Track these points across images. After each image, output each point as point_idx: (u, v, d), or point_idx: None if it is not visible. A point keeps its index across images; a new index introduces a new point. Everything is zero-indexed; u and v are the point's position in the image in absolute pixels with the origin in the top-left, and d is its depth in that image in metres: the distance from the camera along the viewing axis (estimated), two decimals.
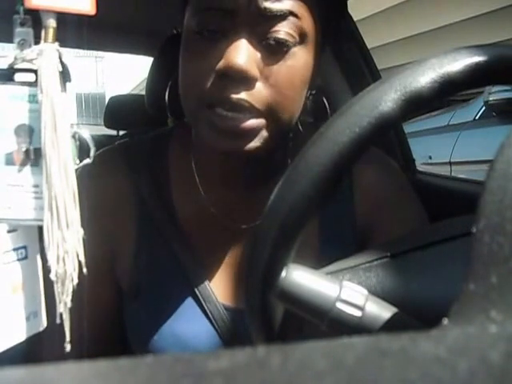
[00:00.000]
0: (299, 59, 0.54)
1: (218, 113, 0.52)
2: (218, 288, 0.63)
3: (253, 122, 0.53)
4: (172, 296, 0.62)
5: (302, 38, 0.53)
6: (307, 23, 0.53)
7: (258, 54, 0.52)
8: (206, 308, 0.62)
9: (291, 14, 0.52)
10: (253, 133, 0.53)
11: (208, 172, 0.65)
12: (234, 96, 0.51)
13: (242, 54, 0.51)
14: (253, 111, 0.52)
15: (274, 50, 0.52)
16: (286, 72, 0.53)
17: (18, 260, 0.37)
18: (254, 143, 0.54)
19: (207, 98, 0.53)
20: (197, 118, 0.55)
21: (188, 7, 0.56)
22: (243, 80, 0.51)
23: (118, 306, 0.67)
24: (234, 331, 0.62)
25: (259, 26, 0.52)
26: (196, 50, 0.54)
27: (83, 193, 0.64)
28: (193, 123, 0.58)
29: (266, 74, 0.52)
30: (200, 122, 0.55)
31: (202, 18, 0.53)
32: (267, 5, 0.50)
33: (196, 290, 0.62)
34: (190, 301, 0.62)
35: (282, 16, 0.51)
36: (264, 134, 0.54)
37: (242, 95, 0.52)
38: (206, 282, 0.63)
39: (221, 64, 0.51)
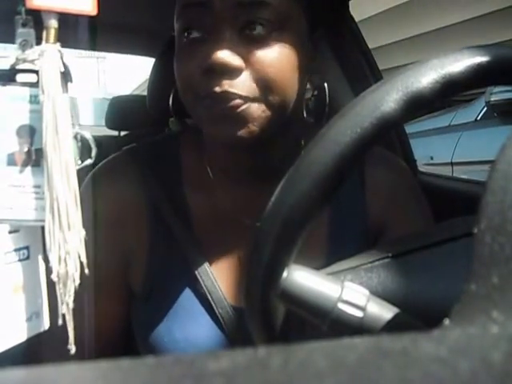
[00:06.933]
0: (283, 44, 0.55)
1: (206, 104, 0.55)
2: (230, 289, 0.64)
3: (242, 108, 0.54)
4: (184, 299, 0.63)
5: (282, 23, 0.55)
6: (285, 9, 0.55)
7: (241, 45, 0.54)
8: (217, 312, 0.62)
9: (266, 0, 0.54)
10: (245, 118, 0.55)
11: (220, 169, 0.66)
12: (218, 89, 0.54)
13: (223, 47, 0.53)
14: (240, 99, 0.54)
15: (256, 38, 0.54)
16: (271, 57, 0.54)
17: (20, 260, 0.37)
18: (248, 129, 0.55)
19: (199, 93, 0.56)
20: (195, 112, 0.58)
21: (175, 8, 0.58)
22: (227, 72, 0.53)
23: (127, 316, 0.68)
24: (245, 335, 0.62)
25: (238, 17, 0.54)
26: (184, 49, 0.57)
27: (95, 202, 0.64)
28: (194, 118, 0.60)
29: (251, 62, 0.54)
30: (198, 116, 0.58)
31: (185, 17, 0.56)
32: None
33: (208, 294, 0.62)
34: (201, 305, 0.62)
35: (257, 3, 0.53)
36: (259, 119, 0.55)
37: (226, 87, 0.53)
38: (218, 286, 0.63)
39: (205, 60, 0.54)
